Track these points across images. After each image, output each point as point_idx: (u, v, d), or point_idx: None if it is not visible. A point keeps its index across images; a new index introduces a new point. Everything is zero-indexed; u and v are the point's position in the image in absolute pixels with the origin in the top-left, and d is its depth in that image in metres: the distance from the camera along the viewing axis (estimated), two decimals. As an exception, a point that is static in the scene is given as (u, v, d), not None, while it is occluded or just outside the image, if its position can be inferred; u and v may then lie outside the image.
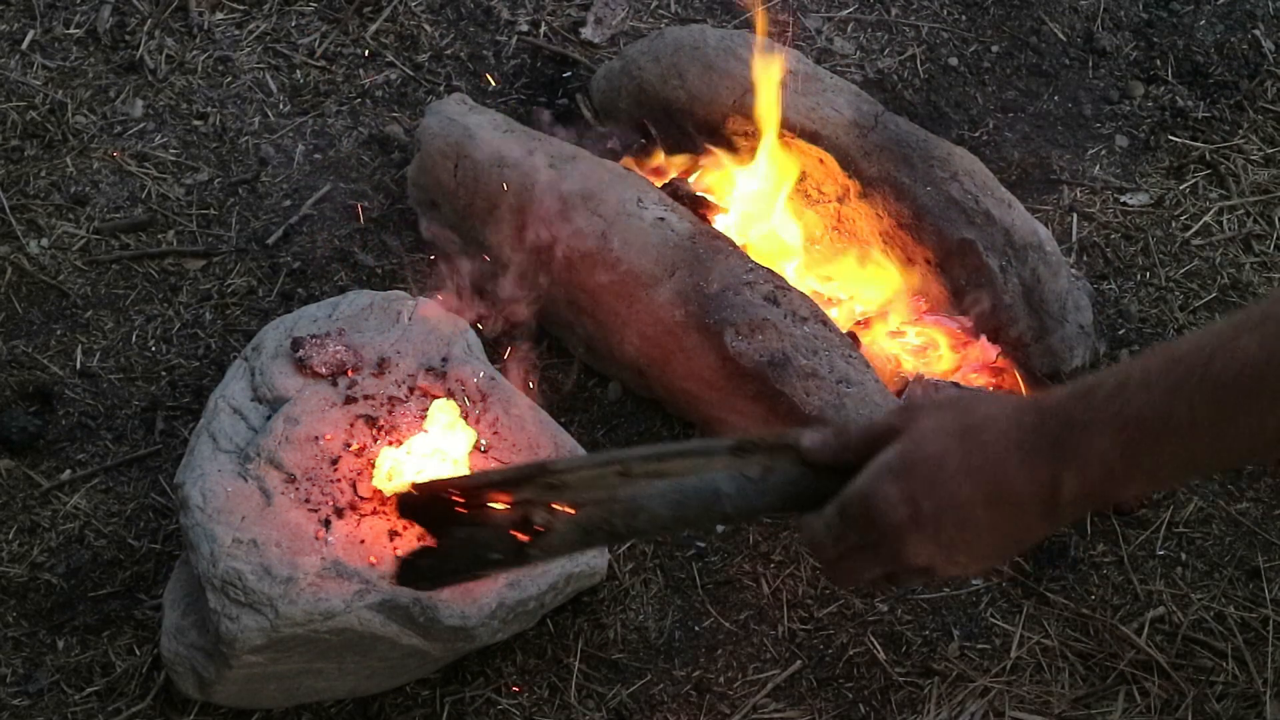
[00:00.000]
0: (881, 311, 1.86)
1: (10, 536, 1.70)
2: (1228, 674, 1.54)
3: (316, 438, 1.54)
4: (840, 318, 1.82)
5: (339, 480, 1.51)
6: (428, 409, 1.56)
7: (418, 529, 1.48)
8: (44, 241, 2.03)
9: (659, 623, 1.61)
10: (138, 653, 1.59)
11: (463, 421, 1.54)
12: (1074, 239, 2.00)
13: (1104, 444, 0.84)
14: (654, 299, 1.72)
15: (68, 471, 1.76)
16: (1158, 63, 2.25)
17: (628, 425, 1.78)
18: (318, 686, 1.51)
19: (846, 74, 2.19)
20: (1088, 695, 1.53)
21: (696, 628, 1.61)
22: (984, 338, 1.83)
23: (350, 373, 1.60)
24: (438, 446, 1.52)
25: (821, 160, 1.92)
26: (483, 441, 1.57)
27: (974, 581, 1.64)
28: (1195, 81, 2.22)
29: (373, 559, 1.46)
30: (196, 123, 2.19)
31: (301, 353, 1.60)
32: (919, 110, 2.19)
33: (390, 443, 1.54)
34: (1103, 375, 0.86)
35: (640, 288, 1.73)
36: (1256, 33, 2.29)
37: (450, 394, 1.60)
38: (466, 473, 1.53)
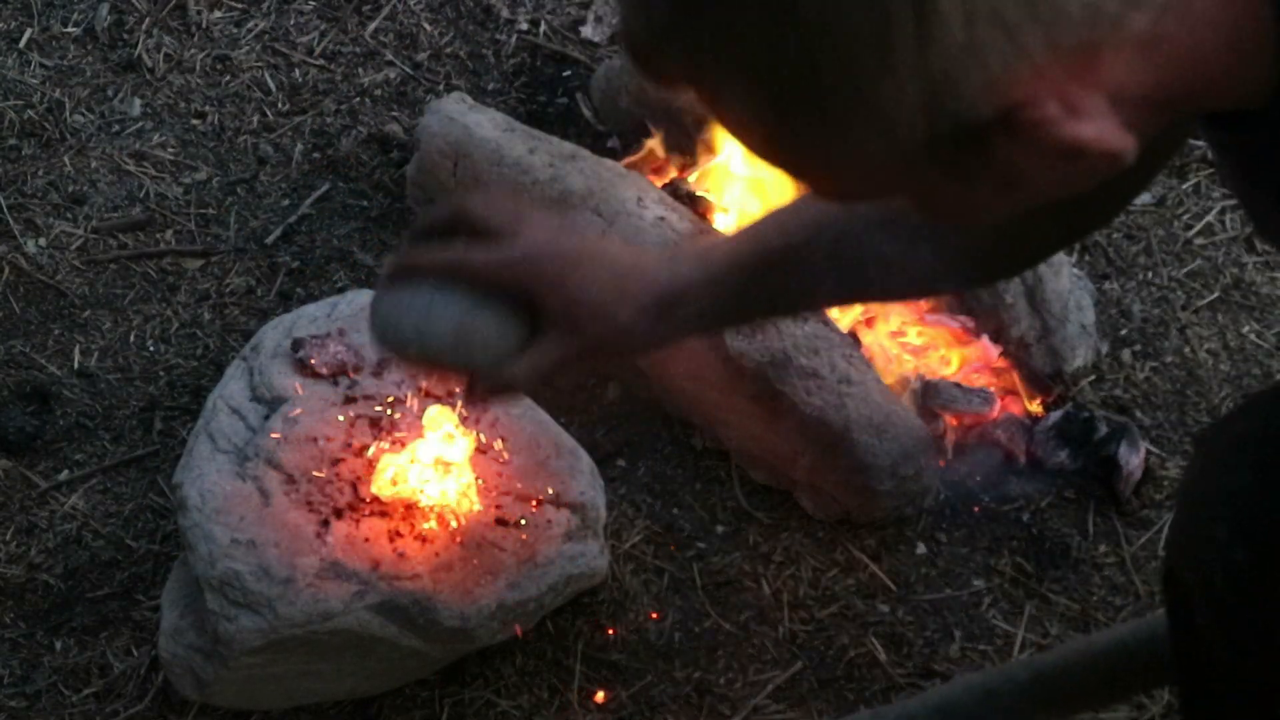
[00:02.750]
0: (882, 311, 1.86)
1: (8, 537, 1.69)
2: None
3: (316, 438, 1.53)
4: (841, 317, 1.81)
5: (338, 481, 1.50)
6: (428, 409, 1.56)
7: (417, 530, 1.48)
8: (42, 241, 2.02)
9: (659, 624, 1.60)
10: (136, 654, 1.58)
11: (461, 427, 1.54)
12: (1075, 238, 2.00)
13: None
14: (654, 299, 1.71)
15: (65, 472, 1.76)
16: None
17: (627, 425, 1.78)
18: (316, 688, 1.51)
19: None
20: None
21: (697, 629, 1.60)
22: (985, 337, 1.82)
23: (351, 373, 1.59)
24: (438, 455, 1.52)
25: (822, 159, 1.91)
26: (482, 436, 1.56)
27: (975, 582, 1.64)
28: (1197, 80, 2.22)
29: (372, 560, 1.45)
30: (195, 122, 2.19)
31: (302, 353, 1.59)
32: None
33: (391, 444, 1.54)
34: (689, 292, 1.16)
35: (640, 287, 1.73)
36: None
37: (447, 395, 1.59)
38: (470, 476, 1.52)
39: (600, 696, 1.54)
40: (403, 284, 1.16)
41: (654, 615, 1.61)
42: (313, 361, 1.59)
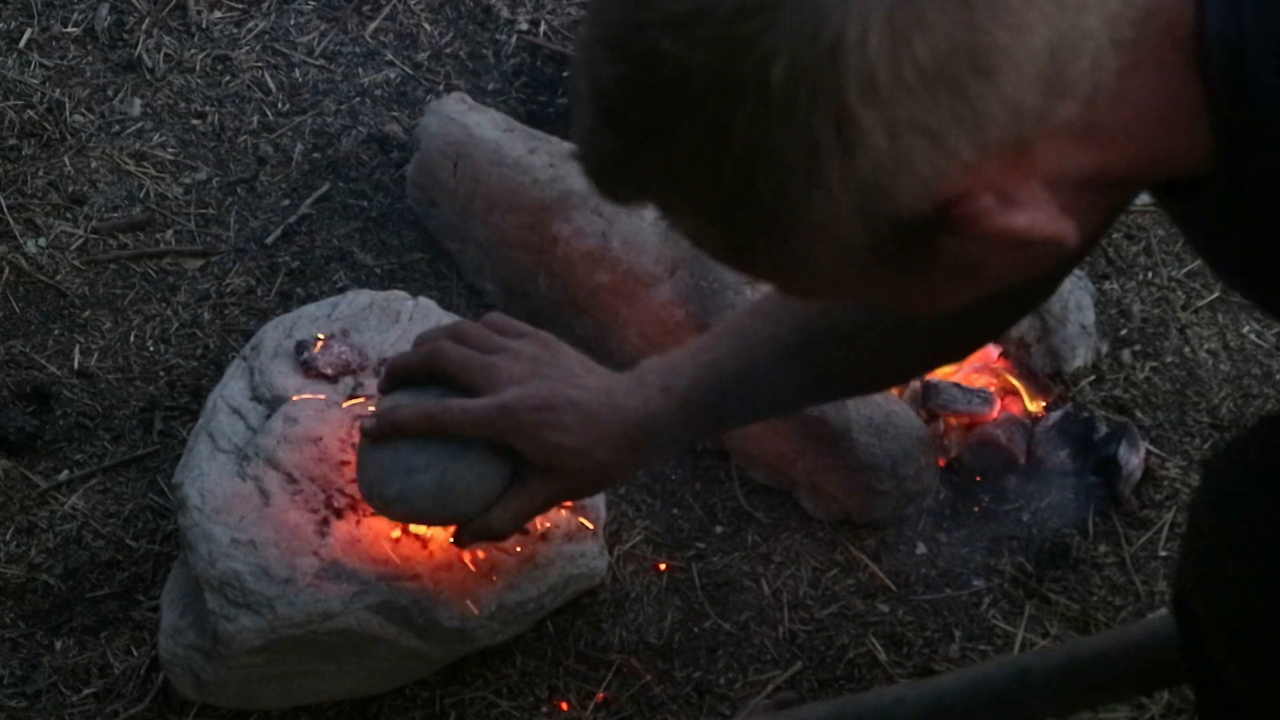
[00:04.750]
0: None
1: (8, 537, 1.69)
2: (1230, 675, 1.53)
3: (316, 438, 1.53)
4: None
5: (339, 481, 1.50)
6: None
7: (417, 530, 1.48)
8: (41, 241, 2.02)
9: (659, 624, 1.60)
10: (135, 654, 1.58)
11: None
12: (1076, 238, 2.00)
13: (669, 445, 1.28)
14: (654, 298, 1.71)
15: (65, 472, 1.76)
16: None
17: (628, 425, 1.78)
18: (316, 688, 1.51)
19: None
20: (1091, 697, 1.52)
21: (696, 629, 1.60)
22: (985, 337, 1.82)
23: (357, 372, 1.59)
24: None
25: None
26: None
27: (975, 582, 1.64)
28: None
29: (372, 560, 1.45)
30: (195, 122, 2.19)
31: (306, 355, 1.59)
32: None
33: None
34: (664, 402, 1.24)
35: (640, 287, 1.73)
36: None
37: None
38: None
39: (600, 696, 1.54)
40: (384, 442, 1.22)
41: (654, 615, 1.61)
42: (317, 363, 1.59)
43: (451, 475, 1.22)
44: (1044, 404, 1.78)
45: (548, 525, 1.52)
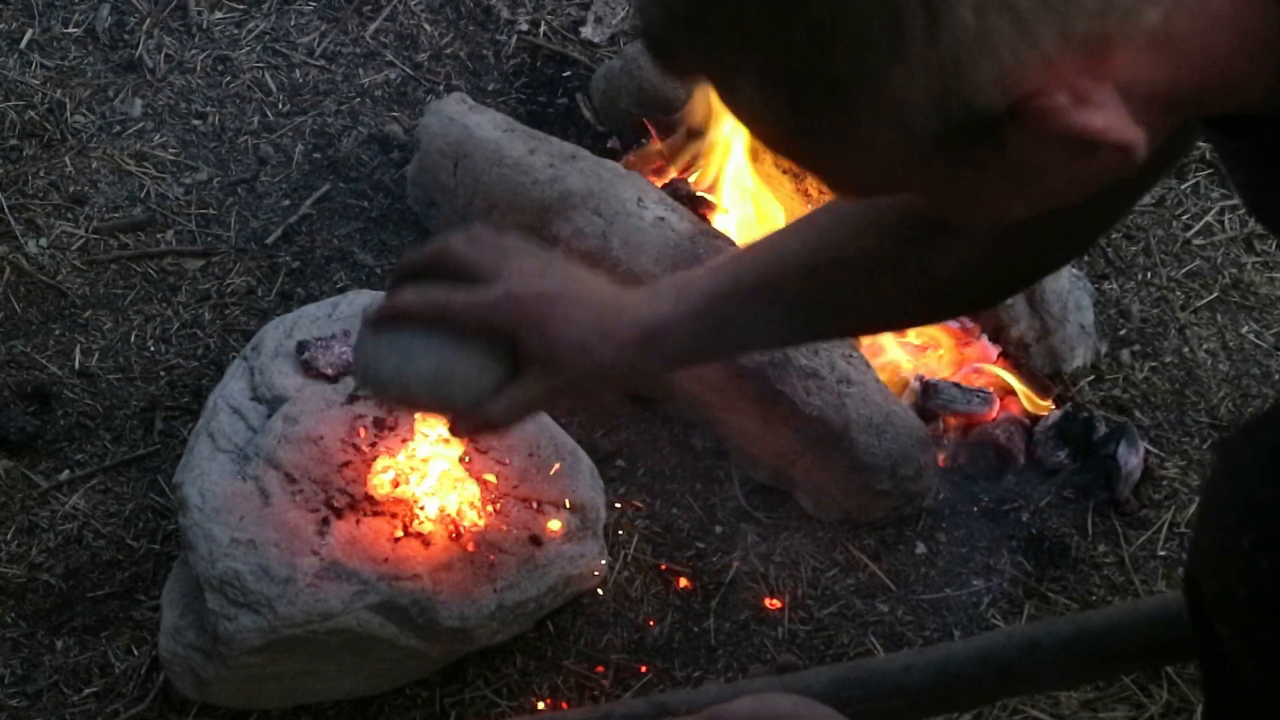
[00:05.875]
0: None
1: (9, 537, 1.69)
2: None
3: (316, 438, 1.53)
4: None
5: (338, 481, 1.50)
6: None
7: (417, 530, 1.48)
8: (42, 241, 2.02)
9: (659, 624, 1.60)
10: (136, 653, 1.58)
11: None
12: (1075, 239, 2.00)
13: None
14: (654, 299, 1.71)
15: (66, 472, 1.76)
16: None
17: (627, 426, 1.78)
18: (316, 688, 1.51)
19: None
20: (1095, 699, 1.53)
21: (696, 629, 1.60)
22: (985, 337, 1.82)
23: (356, 373, 1.60)
24: (431, 457, 1.53)
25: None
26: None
27: (974, 582, 1.64)
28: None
29: (372, 560, 1.45)
30: (195, 122, 2.19)
31: (307, 355, 1.60)
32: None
33: (391, 445, 1.54)
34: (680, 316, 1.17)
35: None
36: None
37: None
38: (475, 489, 1.53)
39: (600, 697, 1.54)
40: (386, 328, 1.19)
41: (653, 615, 1.61)
42: (318, 363, 1.59)
43: (451, 362, 1.18)
44: (1044, 404, 1.79)
45: (552, 526, 1.52)
